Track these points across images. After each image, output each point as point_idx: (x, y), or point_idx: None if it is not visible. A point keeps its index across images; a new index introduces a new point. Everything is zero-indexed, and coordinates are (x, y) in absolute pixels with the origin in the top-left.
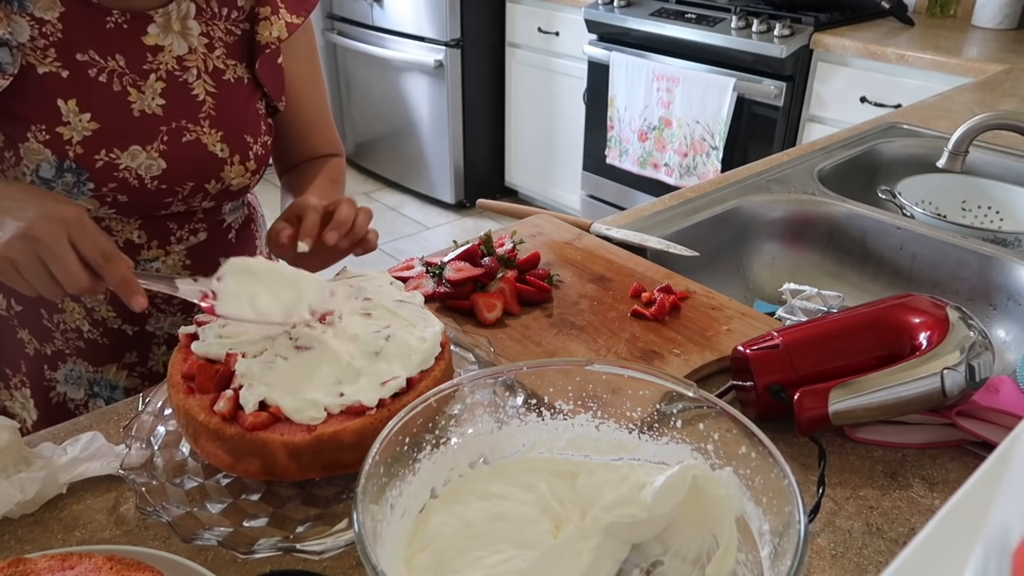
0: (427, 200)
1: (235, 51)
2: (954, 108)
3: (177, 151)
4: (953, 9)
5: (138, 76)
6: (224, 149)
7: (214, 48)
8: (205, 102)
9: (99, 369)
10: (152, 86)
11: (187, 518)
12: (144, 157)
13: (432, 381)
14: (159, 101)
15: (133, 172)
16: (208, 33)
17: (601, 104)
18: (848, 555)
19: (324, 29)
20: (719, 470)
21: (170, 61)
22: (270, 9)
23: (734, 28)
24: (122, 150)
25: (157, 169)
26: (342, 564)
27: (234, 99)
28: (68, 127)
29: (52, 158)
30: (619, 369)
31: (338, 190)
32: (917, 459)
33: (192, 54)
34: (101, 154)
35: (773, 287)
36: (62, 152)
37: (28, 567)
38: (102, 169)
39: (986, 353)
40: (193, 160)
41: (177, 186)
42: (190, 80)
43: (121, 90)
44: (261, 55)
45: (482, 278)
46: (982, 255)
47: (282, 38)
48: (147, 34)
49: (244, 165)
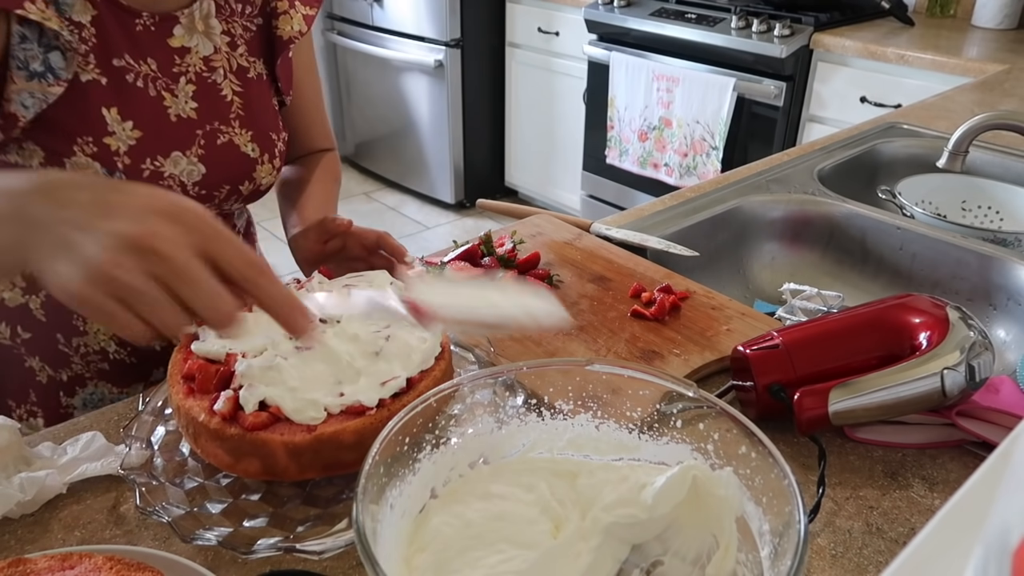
0: (427, 200)
1: (255, 47)
2: (954, 108)
3: (214, 154)
4: (953, 9)
5: (170, 79)
6: (255, 149)
7: (236, 46)
8: (233, 102)
9: (124, 390)
10: (184, 89)
11: (187, 518)
12: (185, 163)
13: (432, 381)
14: (192, 104)
15: (177, 179)
16: (229, 31)
17: (601, 104)
18: (848, 555)
19: (324, 29)
20: (719, 470)
21: (197, 63)
22: (287, 3)
23: (734, 28)
24: (165, 157)
25: (198, 174)
26: (342, 564)
27: (259, 97)
28: (114, 137)
29: (102, 171)
30: (619, 369)
31: (338, 188)
32: (917, 459)
33: (217, 54)
34: (147, 163)
35: (773, 287)
36: (111, 164)
37: (28, 567)
38: (150, 179)
39: (986, 353)
40: (229, 162)
41: (215, 190)
42: (218, 81)
43: (156, 95)
44: (284, 51)
45: None
46: (982, 255)
47: (303, 32)
48: (173, 36)
49: (272, 164)
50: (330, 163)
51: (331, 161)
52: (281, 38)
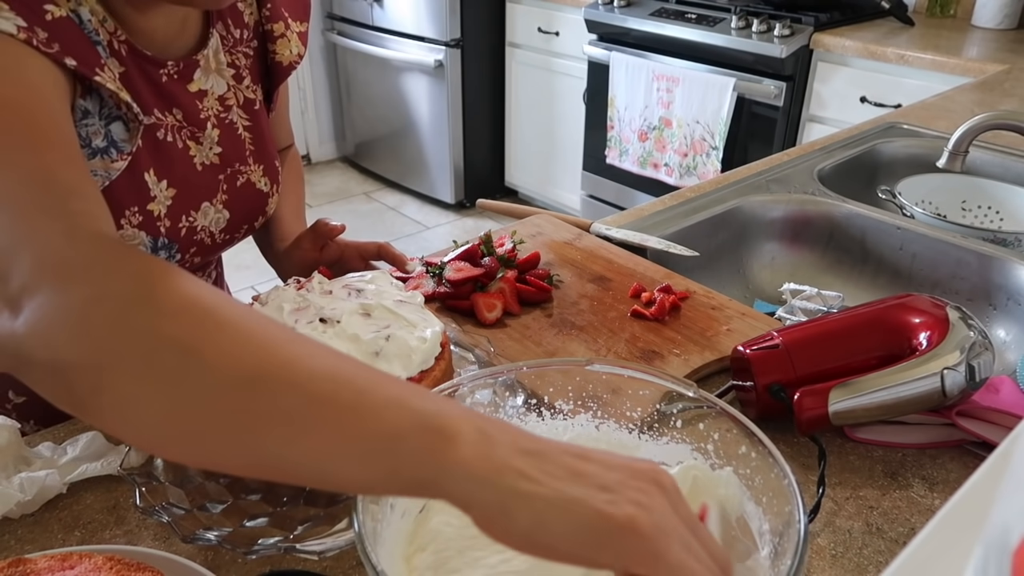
0: (427, 200)
1: (254, 74)
2: (954, 108)
3: (236, 198)
4: (953, 9)
5: (196, 127)
6: (266, 183)
7: (242, 78)
8: (245, 138)
9: None
10: (209, 135)
11: (187, 518)
12: (213, 212)
13: (432, 381)
14: (216, 150)
15: (207, 231)
16: (234, 63)
17: (601, 104)
18: (848, 555)
19: (324, 29)
20: (719, 470)
21: (214, 104)
22: (283, 25)
23: (734, 28)
24: (195, 210)
25: (223, 221)
26: (342, 564)
27: (263, 126)
28: (156, 201)
29: (147, 240)
30: (619, 369)
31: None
32: (917, 459)
33: (229, 91)
34: (183, 221)
35: (773, 287)
36: (155, 231)
37: (28, 567)
38: (186, 236)
39: (986, 353)
40: (248, 202)
41: (236, 232)
42: (234, 120)
43: (183, 146)
44: (286, 76)
45: (482, 278)
46: (982, 255)
47: (302, 54)
48: (192, 80)
49: (277, 193)
50: (294, 162)
51: (294, 160)
52: (281, 64)
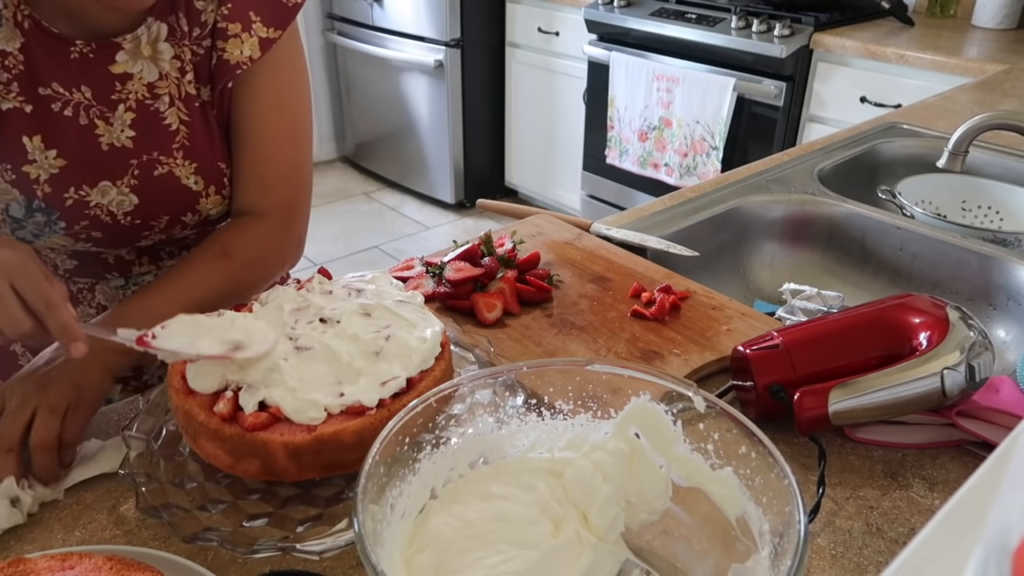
0: (427, 200)
1: (202, 72)
2: (954, 108)
3: (149, 185)
4: (953, 9)
5: (106, 107)
6: (198, 182)
7: (185, 72)
8: (179, 131)
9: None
10: (121, 117)
11: (187, 518)
12: (115, 193)
13: (432, 381)
14: (129, 133)
15: (104, 209)
16: (180, 56)
17: (601, 104)
18: (848, 555)
19: (324, 29)
20: (719, 470)
21: (140, 89)
22: (240, 26)
23: (734, 28)
24: (91, 187)
25: (129, 205)
26: (342, 564)
27: (206, 125)
28: (35, 165)
29: (21, 198)
30: (619, 369)
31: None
32: (917, 459)
33: (164, 80)
34: (70, 192)
35: (773, 287)
36: (30, 192)
37: (28, 567)
38: (72, 207)
39: (986, 353)
40: (166, 194)
41: (152, 220)
42: (162, 109)
43: (88, 123)
44: (230, 77)
45: (482, 278)
46: (982, 255)
47: (254, 57)
48: (115, 62)
49: (220, 195)
50: (243, 252)
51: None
52: (227, 62)
